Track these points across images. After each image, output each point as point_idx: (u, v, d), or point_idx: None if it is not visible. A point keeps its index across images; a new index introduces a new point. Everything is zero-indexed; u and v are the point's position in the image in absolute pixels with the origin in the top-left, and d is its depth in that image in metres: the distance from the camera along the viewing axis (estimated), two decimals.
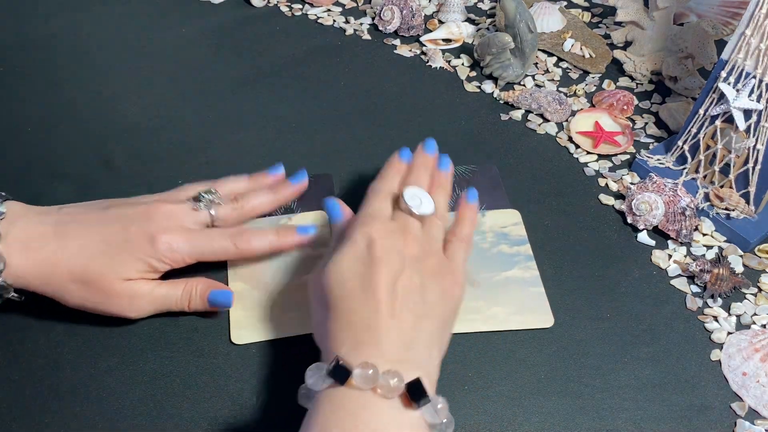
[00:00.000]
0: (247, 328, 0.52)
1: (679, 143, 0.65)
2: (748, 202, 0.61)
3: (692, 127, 0.63)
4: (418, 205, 0.49)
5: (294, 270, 0.56)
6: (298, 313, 0.53)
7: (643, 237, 0.61)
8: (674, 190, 0.60)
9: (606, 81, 0.78)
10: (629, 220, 0.61)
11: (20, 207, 0.50)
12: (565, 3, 0.92)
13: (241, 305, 0.54)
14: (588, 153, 0.69)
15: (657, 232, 0.61)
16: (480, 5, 0.92)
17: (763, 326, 0.55)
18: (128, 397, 0.48)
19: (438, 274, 0.46)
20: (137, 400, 0.48)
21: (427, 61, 0.80)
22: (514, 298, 0.55)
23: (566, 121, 0.73)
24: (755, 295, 0.57)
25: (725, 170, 0.62)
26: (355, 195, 0.64)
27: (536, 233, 0.61)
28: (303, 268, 0.56)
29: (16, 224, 0.47)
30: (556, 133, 0.72)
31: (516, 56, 0.76)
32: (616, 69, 0.81)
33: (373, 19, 0.87)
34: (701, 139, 0.63)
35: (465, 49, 0.83)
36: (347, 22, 0.87)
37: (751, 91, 0.58)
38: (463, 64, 0.80)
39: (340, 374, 0.38)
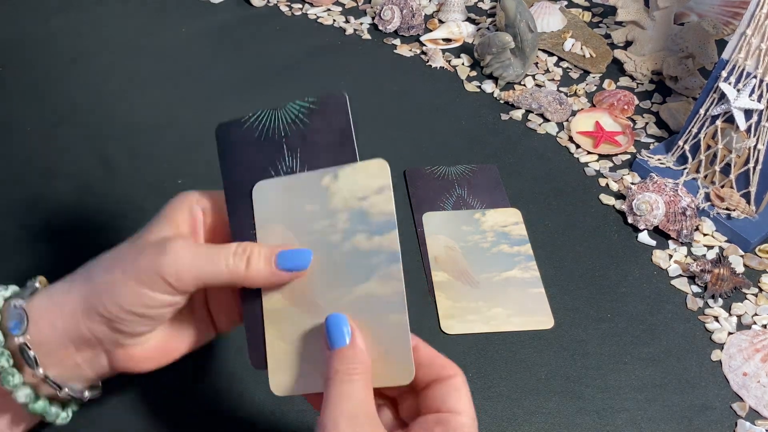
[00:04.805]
0: (286, 372, 0.37)
1: (680, 143, 0.65)
2: (748, 202, 0.61)
3: (693, 127, 0.63)
4: None
5: (346, 280, 0.36)
6: None
7: (644, 237, 0.61)
8: (675, 190, 0.60)
9: (606, 81, 0.78)
10: (630, 220, 0.61)
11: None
12: (565, 2, 0.92)
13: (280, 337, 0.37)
14: (588, 153, 0.69)
15: (657, 232, 0.61)
16: (480, 5, 0.92)
17: (764, 326, 0.54)
18: (128, 398, 0.48)
19: None
20: (138, 402, 0.48)
21: (427, 61, 0.80)
22: (514, 299, 0.55)
23: (567, 120, 0.73)
24: (756, 295, 0.57)
25: (726, 170, 0.62)
26: None
27: (536, 233, 0.60)
28: (359, 272, 0.36)
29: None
30: (557, 132, 0.72)
31: (516, 56, 0.76)
32: (616, 69, 0.80)
33: (373, 18, 0.86)
34: (702, 139, 0.63)
35: (465, 48, 0.83)
36: (347, 21, 0.87)
37: (752, 91, 0.58)
38: (463, 64, 0.80)
39: None
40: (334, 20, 0.87)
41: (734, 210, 0.61)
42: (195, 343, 0.41)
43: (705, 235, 0.61)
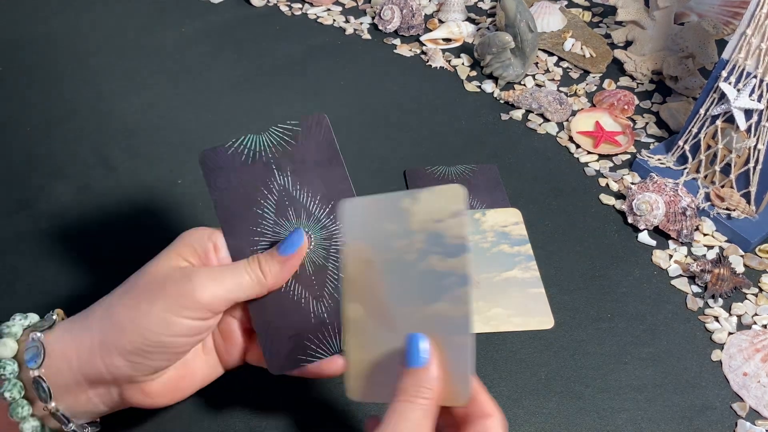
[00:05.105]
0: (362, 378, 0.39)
1: (680, 143, 0.65)
2: (748, 202, 0.61)
3: (693, 126, 0.63)
4: None
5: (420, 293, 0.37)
6: None
7: (644, 237, 0.61)
8: (675, 190, 0.60)
9: (606, 81, 0.78)
10: (630, 220, 0.61)
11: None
12: (565, 2, 0.92)
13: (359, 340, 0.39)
14: (588, 153, 0.69)
15: (658, 232, 0.61)
16: (480, 4, 0.92)
17: (764, 326, 0.54)
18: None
19: None
20: None
21: (427, 61, 0.80)
22: (514, 300, 0.55)
23: (567, 120, 0.73)
24: (756, 295, 0.57)
25: (726, 170, 0.62)
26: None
27: (536, 233, 0.60)
28: (433, 289, 0.37)
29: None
30: (557, 132, 0.72)
31: (516, 56, 0.76)
32: (616, 69, 0.80)
33: (373, 18, 0.86)
34: (702, 138, 0.63)
35: (465, 48, 0.83)
36: (347, 21, 0.87)
37: (752, 91, 0.58)
38: (463, 64, 0.80)
39: None
40: (334, 20, 0.87)
41: (734, 210, 0.61)
42: (206, 379, 0.42)
43: (705, 235, 0.61)
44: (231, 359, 0.42)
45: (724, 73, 0.59)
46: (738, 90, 0.58)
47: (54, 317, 0.40)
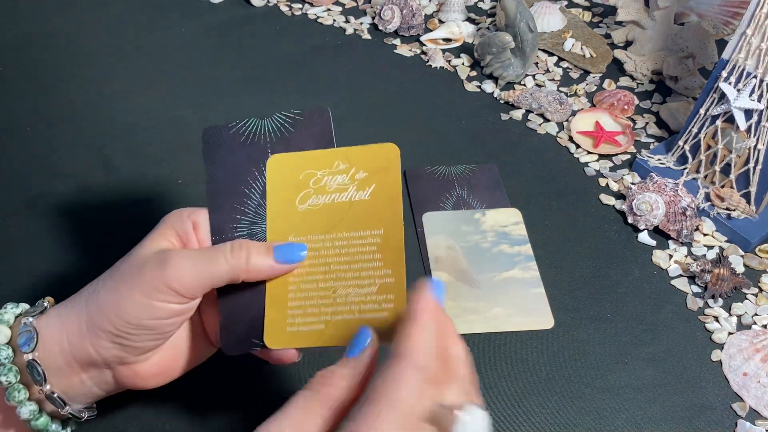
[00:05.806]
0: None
1: (680, 143, 0.65)
2: (748, 202, 0.61)
3: (693, 126, 0.63)
4: None
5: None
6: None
7: (644, 237, 0.61)
8: (675, 190, 0.60)
9: (606, 81, 0.78)
10: (630, 220, 0.61)
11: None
12: (565, 2, 0.92)
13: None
14: (588, 153, 0.69)
15: (658, 232, 0.61)
16: (480, 5, 0.92)
17: (764, 326, 0.54)
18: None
19: None
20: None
21: (427, 61, 0.80)
22: (514, 299, 0.55)
23: (567, 120, 0.73)
24: (756, 295, 0.57)
25: (726, 170, 0.62)
26: None
27: (536, 233, 0.60)
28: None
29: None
30: (557, 132, 0.72)
31: (516, 56, 0.76)
32: (616, 69, 0.80)
33: (373, 18, 0.86)
34: (702, 139, 0.63)
35: (465, 48, 0.83)
36: (347, 21, 0.87)
37: (752, 91, 0.58)
38: (463, 64, 0.80)
39: None
40: (334, 20, 0.87)
41: (734, 210, 0.61)
42: (196, 359, 0.42)
43: (705, 235, 0.61)
44: (217, 338, 0.42)
45: (724, 73, 0.59)
46: (738, 90, 0.58)
47: (45, 304, 0.40)
